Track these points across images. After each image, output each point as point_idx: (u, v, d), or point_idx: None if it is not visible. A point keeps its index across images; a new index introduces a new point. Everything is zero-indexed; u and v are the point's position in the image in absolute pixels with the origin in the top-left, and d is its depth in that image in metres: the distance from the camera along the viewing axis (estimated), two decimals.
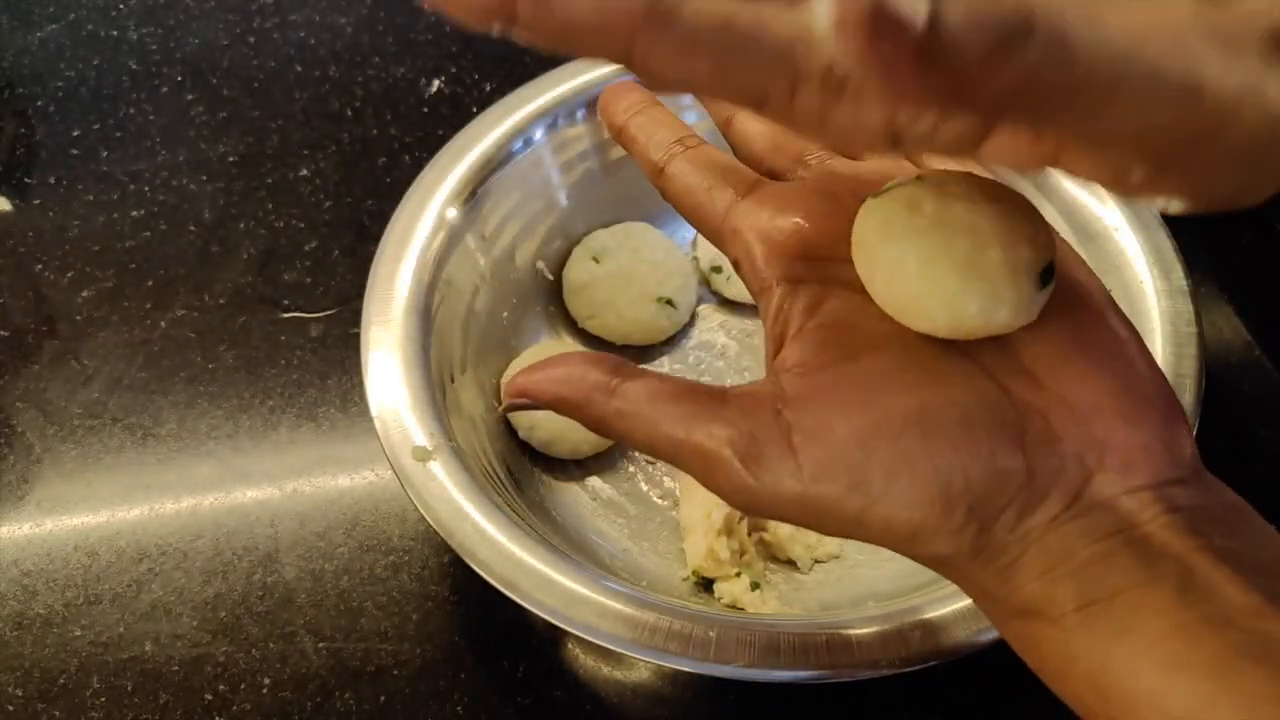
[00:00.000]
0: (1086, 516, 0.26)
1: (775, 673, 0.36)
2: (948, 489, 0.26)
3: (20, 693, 0.44)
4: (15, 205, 0.59)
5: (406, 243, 0.46)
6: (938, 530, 0.26)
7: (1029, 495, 0.26)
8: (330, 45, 0.66)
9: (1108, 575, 0.25)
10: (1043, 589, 0.26)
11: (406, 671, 0.44)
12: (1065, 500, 0.26)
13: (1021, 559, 0.26)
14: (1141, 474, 0.26)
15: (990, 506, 0.26)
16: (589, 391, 0.28)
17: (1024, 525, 0.26)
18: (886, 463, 0.26)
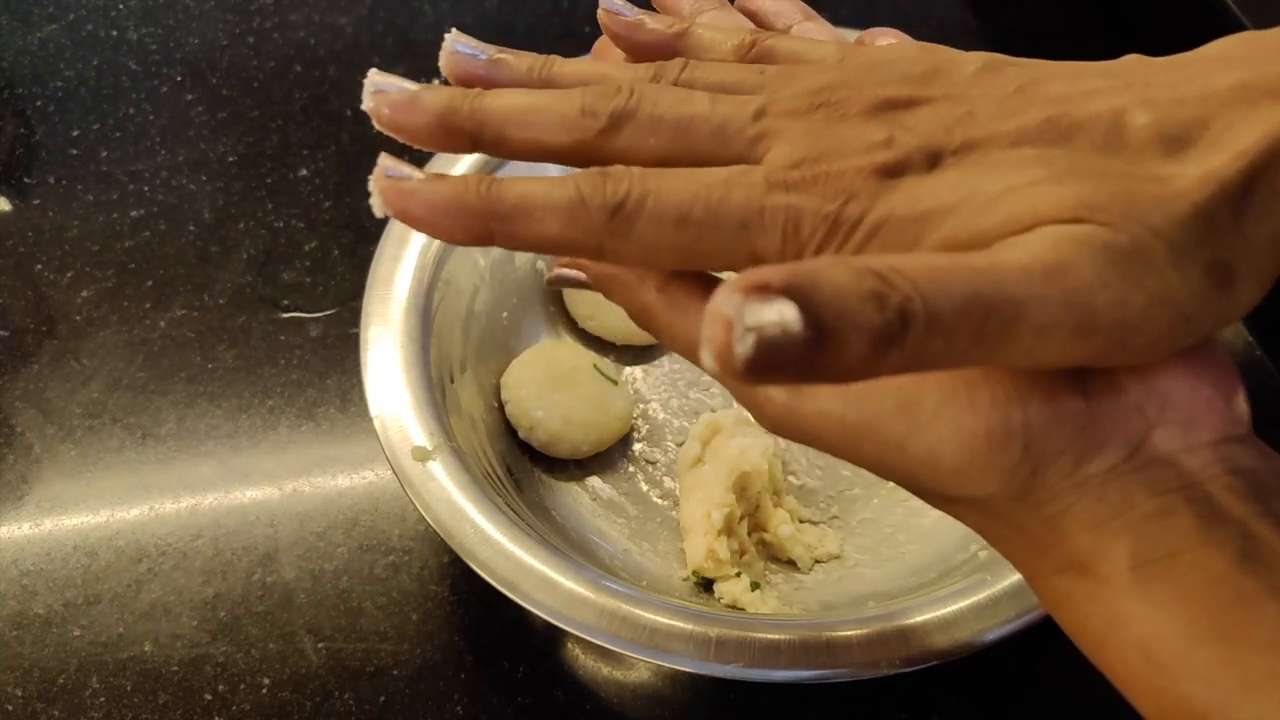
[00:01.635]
0: (1146, 470, 0.24)
1: (775, 673, 0.36)
2: (1006, 422, 0.24)
3: (20, 693, 0.44)
4: (15, 205, 0.59)
5: (406, 242, 0.46)
6: (988, 465, 0.24)
7: (1088, 440, 0.24)
8: (330, 45, 0.66)
9: (1165, 534, 0.24)
10: (1094, 542, 0.24)
11: (406, 671, 0.44)
12: (1125, 450, 0.24)
13: (1074, 508, 0.24)
14: (1204, 430, 0.25)
15: (1047, 446, 0.24)
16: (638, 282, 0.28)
17: (1081, 471, 0.24)
18: (942, 385, 0.24)
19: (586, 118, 0.28)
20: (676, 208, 0.25)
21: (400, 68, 0.64)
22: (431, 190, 0.27)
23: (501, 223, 0.26)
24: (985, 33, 0.65)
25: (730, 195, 0.25)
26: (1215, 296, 0.24)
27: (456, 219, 0.27)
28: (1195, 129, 0.25)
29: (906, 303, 0.20)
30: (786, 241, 0.25)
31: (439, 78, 0.30)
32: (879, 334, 0.20)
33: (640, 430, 0.50)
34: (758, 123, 0.27)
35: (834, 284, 0.20)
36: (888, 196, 0.25)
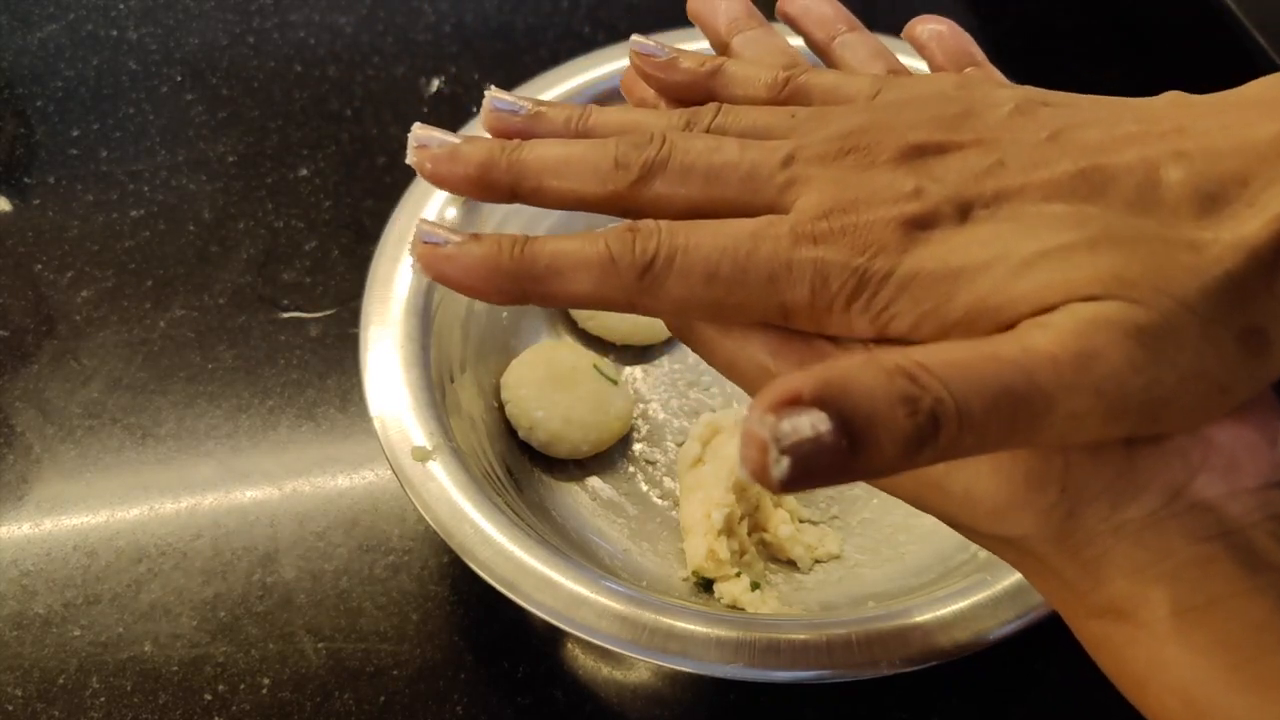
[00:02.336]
0: (1187, 516, 0.24)
1: (775, 673, 0.36)
2: (1044, 464, 0.24)
3: (20, 693, 0.44)
4: (15, 205, 0.59)
5: (406, 242, 0.46)
6: (1025, 506, 0.24)
7: (1127, 484, 0.24)
8: (330, 45, 0.66)
9: (1206, 581, 0.23)
10: (1133, 588, 0.24)
11: (406, 672, 0.44)
12: (1165, 496, 0.24)
13: (1111, 553, 0.24)
14: (1247, 475, 0.24)
15: (1085, 490, 0.24)
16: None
17: (1118, 516, 0.24)
18: None
19: (620, 169, 0.28)
20: (704, 264, 0.26)
21: (400, 68, 0.64)
22: (467, 254, 0.27)
23: (535, 283, 0.27)
24: (985, 33, 0.65)
25: (758, 249, 0.26)
26: (1251, 364, 0.24)
27: (491, 281, 0.27)
28: (1232, 186, 0.24)
29: (938, 405, 0.20)
30: (815, 295, 0.25)
31: (439, 78, 0.30)
32: (912, 438, 0.20)
33: (640, 430, 0.50)
34: (786, 169, 0.27)
35: (865, 389, 0.20)
36: (917, 251, 0.25)
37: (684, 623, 0.36)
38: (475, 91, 0.63)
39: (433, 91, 0.63)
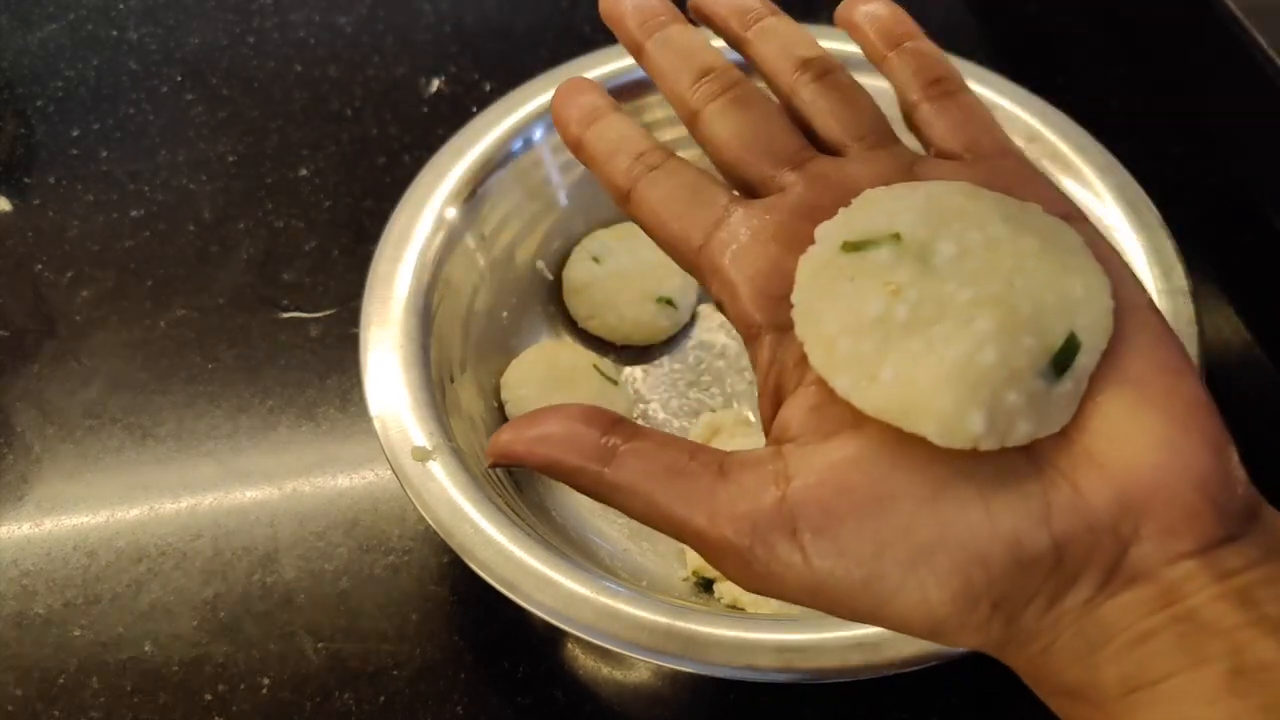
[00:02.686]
0: (1125, 592, 0.23)
1: (775, 673, 0.36)
2: (969, 585, 0.23)
3: (20, 693, 0.44)
4: (15, 205, 0.59)
5: (406, 242, 0.46)
6: (961, 626, 0.24)
7: (1059, 580, 0.23)
8: (330, 45, 0.66)
9: (1153, 659, 0.23)
10: (1084, 674, 0.24)
11: (406, 672, 0.44)
12: (1099, 579, 0.23)
13: (1055, 645, 0.24)
14: (1185, 540, 0.23)
15: (1016, 598, 0.23)
16: (582, 459, 0.26)
17: (1055, 610, 0.24)
18: (901, 559, 0.23)
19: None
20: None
21: (400, 68, 0.64)
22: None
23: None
24: (985, 33, 0.65)
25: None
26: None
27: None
28: None
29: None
30: None
31: (439, 78, 0.30)
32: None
33: None
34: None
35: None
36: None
37: (684, 623, 0.36)
38: (475, 91, 0.63)
39: (433, 91, 0.63)
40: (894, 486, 0.24)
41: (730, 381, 0.51)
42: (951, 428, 0.23)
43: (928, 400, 0.23)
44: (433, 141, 0.51)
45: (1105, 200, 0.47)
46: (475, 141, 0.49)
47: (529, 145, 0.50)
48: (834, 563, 0.24)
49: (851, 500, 0.24)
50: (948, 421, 0.23)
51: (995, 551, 0.23)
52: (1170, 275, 0.45)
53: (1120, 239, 0.46)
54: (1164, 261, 0.45)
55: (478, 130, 0.50)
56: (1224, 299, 0.54)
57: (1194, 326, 0.43)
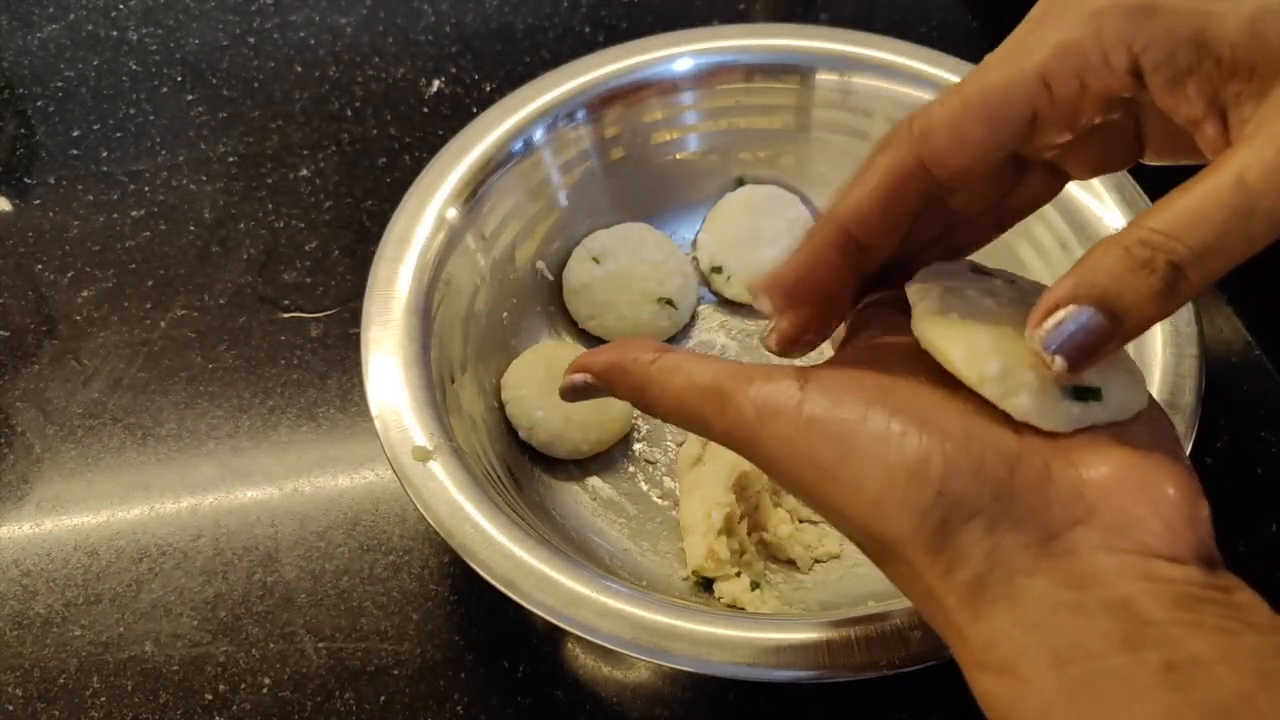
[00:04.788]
0: (1062, 558, 0.25)
1: (775, 673, 0.36)
2: (924, 465, 0.26)
3: (20, 693, 0.44)
4: (15, 205, 0.59)
5: (406, 243, 0.46)
6: (902, 503, 0.26)
7: (1004, 510, 0.25)
8: (330, 45, 0.66)
9: (1083, 633, 0.24)
10: (1012, 634, 0.24)
11: (406, 671, 0.44)
12: (1041, 534, 0.25)
13: (986, 578, 0.25)
14: (1126, 541, 0.25)
15: (961, 502, 0.25)
16: (636, 355, 0.31)
17: (992, 539, 0.25)
18: (878, 428, 0.26)
19: None
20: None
21: (400, 68, 0.64)
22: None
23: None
24: (985, 33, 0.65)
25: None
26: None
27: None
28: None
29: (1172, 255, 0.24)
30: None
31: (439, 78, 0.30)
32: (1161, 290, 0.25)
33: (640, 430, 0.50)
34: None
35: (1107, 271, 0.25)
36: None
37: (684, 622, 0.37)
38: (475, 91, 0.63)
39: (433, 92, 0.63)
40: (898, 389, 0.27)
41: None
42: (971, 360, 0.27)
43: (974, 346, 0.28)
44: (433, 142, 0.51)
45: (1105, 200, 0.47)
46: (476, 142, 0.49)
47: (529, 146, 0.50)
48: (821, 410, 0.27)
49: (858, 382, 0.28)
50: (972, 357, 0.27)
51: (960, 455, 0.26)
52: None
53: None
54: None
55: (478, 131, 0.50)
56: (1224, 299, 0.54)
57: (1194, 327, 0.43)
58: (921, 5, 0.68)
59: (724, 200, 0.54)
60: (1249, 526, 0.45)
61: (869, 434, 0.26)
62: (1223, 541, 0.26)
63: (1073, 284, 0.25)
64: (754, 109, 0.54)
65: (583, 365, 0.33)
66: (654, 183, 0.54)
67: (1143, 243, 0.25)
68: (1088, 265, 0.25)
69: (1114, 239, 0.26)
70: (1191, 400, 0.42)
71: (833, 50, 0.53)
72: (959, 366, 0.28)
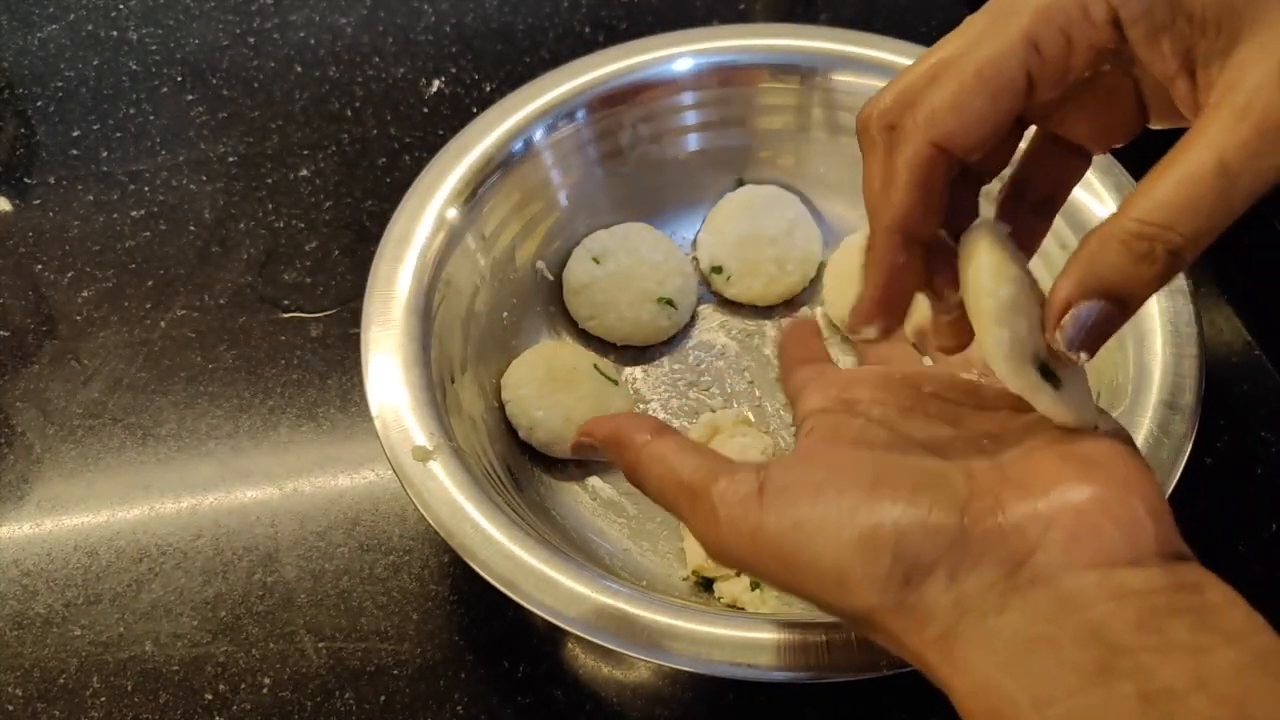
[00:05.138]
0: (1027, 590, 0.25)
1: (775, 673, 0.36)
2: (875, 534, 0.27)
3: (20, 693, 0.44)
4: (15, 205, 0.59)
5: (406, 243, 0.46)
6: (863, 576, 0.27)
7: (961, 555, 0.26)
8: (330, 45, 0.66)
9: (1059, 670, 0.24)
10: (990, 679, 0.25)
11: (406, 671, 0.44)
12: (1003, 568, 0.26)
13: (958, 630, 0.26)
14: (1086, 551, 0.25)
15: (918, 558, 0.26)
16: (633, 435, 0.33)
17: (957, 587, 0.26)
18: (828, 511, 0.28)
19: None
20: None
21: (400, 68, 0.64)
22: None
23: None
24: None
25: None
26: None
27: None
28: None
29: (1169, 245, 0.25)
30: None
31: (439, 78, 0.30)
32: (1160, 275, 0.26)
33: None
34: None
35: (1111, 266, 0.26)
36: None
37: (684, 622, 0.37)
38: (475, 91, 0.63)
39: (433, 92, 0.63)
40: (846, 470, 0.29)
41: (730, 381, 0.51)
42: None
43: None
44: (433, 142, 0.51)
45: (1105, 200, 0.47)
46: (476, 142, 0.49)
47: (529, 146, 0.50)
48: (778, 511, 0.28)
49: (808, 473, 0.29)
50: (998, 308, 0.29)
51: (906, 517, 0.27)
52: None
53: None
54: None
55: (478, 131, 0.50)
56: (1224, 299, 0.54)
57: (1194, 326, 0.43)
58: (921, 5, 0.68)
59: (724, 200, 0.54)
60: (1249, 526, 0.45)
61: (820, 518, 0.28)
62: (1223, 541, 0.26)
63: (1079, 281, 0.26)
64: (754, 109, 0.54)
65: (589, 430, 0.35)
66: (654, 183, 0.54)
67: (1140, 236, 0.26)
68: (1089, 261, 0.26)
69: (1108, 231, 0.27)
70: (1191, 400, 0.41)
71: (833, 50, 0.53)
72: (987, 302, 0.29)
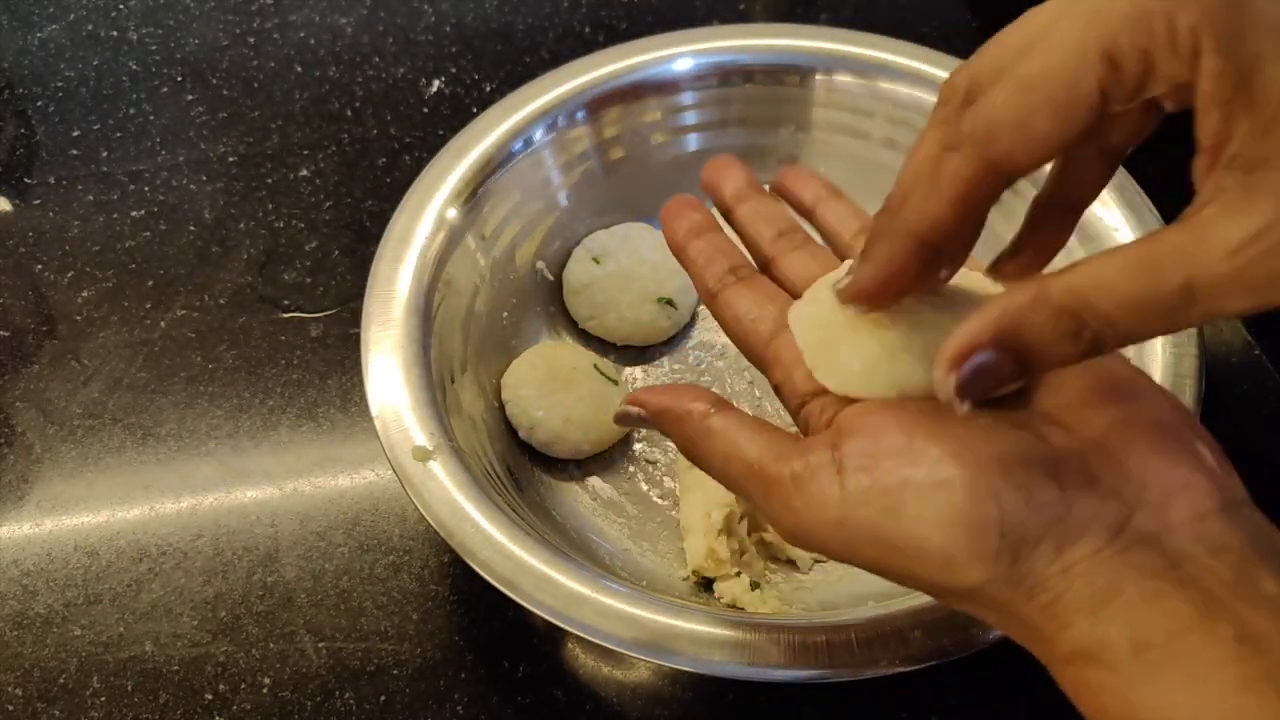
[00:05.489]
0: (1131, 552, 0.26)
1: (775, 672, 0.36)
2: (980, 514, 0.26)
3: (20, 693, 0.44)
4: (15, 205, 0.59)
5: (406, 243, 0.46)
6: (971, 555, 0.26)
7: (1067, 527, 0.26)
8: (330, 45, 0.66)
9: (1160, 617, 0.25)
10: (1093, 629, 0.25)
11: (406, 671, 0.44)
12: (1106, 534, 0.26)
13: (1067, 595, 0.26)
14: (1180, 508, 0.26)
15: (1025, 534, 0.26)
16: (690, 406, 0.32)
17: (1064, 557, 0.26)
18: (923, 489, 0.27)
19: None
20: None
21: (400, 68, 0.64)
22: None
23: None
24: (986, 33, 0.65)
25: None
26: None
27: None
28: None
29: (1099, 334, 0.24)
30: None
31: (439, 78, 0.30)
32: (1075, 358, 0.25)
33: (640, 430, 0.50)
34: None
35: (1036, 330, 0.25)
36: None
37: (684, 622, 0.37)
38: (475, 91, 0.63)
39: (433, 92, 0.63)
40: (928, 439, 0.27)
41: (730, 381, 0.51)
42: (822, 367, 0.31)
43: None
44: (433, 142, 0.51)
45: (1105, 200, 0.47)
46: (476, 142, 0.49)
47: (530, 146, 0.50)
48: (865, 492, 0.27)
49: (890, 444, 0.28)
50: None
51: (1008, 493, 0.26)
52: None
53: (1120, 239, 0.46)
54: None
55: (478, 131, 0.50)
56: None
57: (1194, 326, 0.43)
58: (921, 5, 0.68)
59: None
60: None
61: (916, 496, 0.27)
62: None
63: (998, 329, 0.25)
64: (754, 109, 0.54)
65: (639, 400, 0.33)
66: (654, 183, 0.54)
67: (1075, 316, 0.24)
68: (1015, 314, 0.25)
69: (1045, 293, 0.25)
70: (1191, 400, 0.42)
71: (833, 50, 0.53)
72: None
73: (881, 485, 0.27)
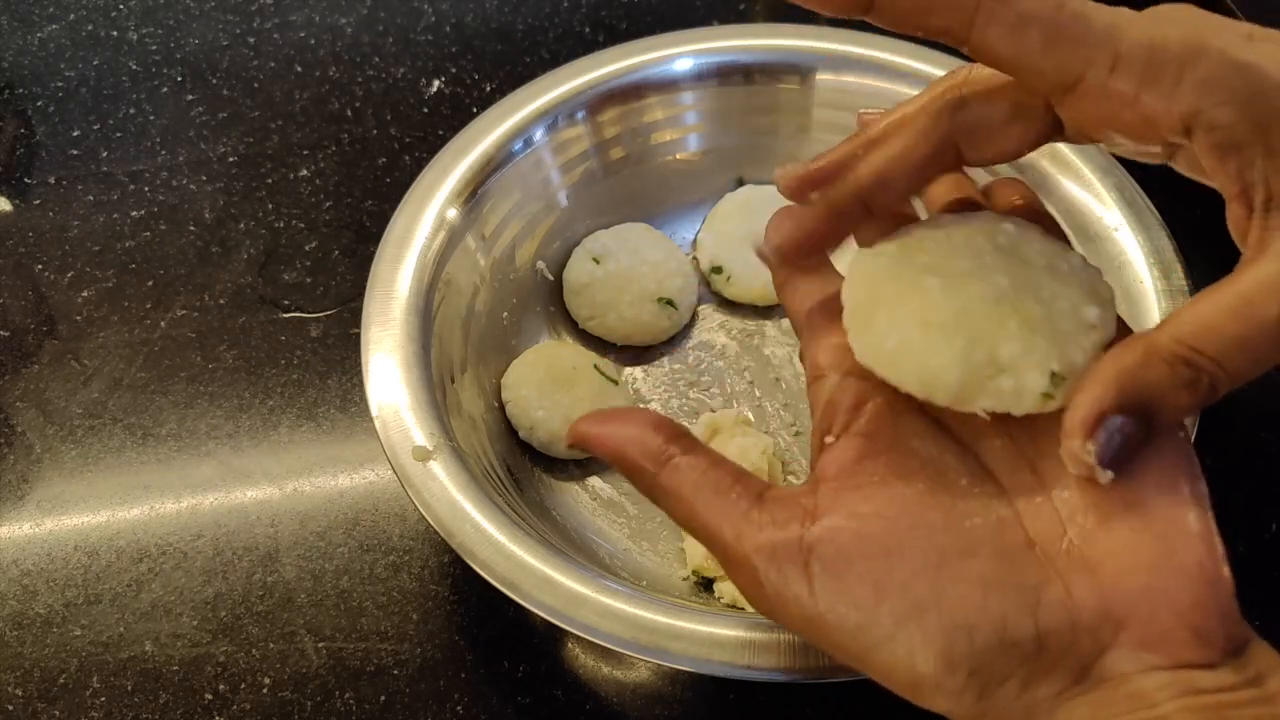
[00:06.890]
0: (1097, 691, 0.25)
1: (775, 673, 0.36)
2: (951, 649, 0.26)
3: (20, 693, 0.44)
4: (15, 205, 0.59)
5: (406, 243, 0.46)
6: (937, 687, 0.26)
7: (1035, 667, 0.25)
8: (330, 45, 0.66)
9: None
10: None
11: (406, 671, 0.44)
12: (1073, 674, 0.25)
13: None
14: (1159, 655, 0.25)
15: (993, 673, 0.25)
16: (642, 459, 0.29)
17: (1028, 695, 0.25)
18: (897, 611, 0.26)
19: None
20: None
21: (400, 68, 0.64)
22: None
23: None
24: None
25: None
26: None
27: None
28: None
29: (1214, 379, 0.26)
30: None
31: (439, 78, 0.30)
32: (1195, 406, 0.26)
33: None
34: None
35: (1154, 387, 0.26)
36: None
37: (684, 622, 0.37)
38: (475, 91, 0.63)
39: (433, 92, 0.63)
40: (905, 546, 0.26)
41: (730, 381, 0.51)
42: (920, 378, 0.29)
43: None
44: (433, 142, 0.51)
45: (1105, 200, 0.47)
46: (476, 142, 0.49)
47: (530, 146, 0.50)
48: (835, 601, 0.26)
49: (864, 548, 0.26)
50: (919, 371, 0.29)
51: (982, 626, 0.25)
52: (1170, 275, 0.45)
53: (1121, 239, 0.46)
54: (1164, 261, 0.45)
55: (478, 131, 0.50)
56: None
57: None
58: None
59: (724, 200, 0.54)
60: (1249, 526, 0.45)
61: (891, 622, 0.26)
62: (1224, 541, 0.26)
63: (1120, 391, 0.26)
64: (754, 109, 0.54)
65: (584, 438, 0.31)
66: (654, 183, 0.54)
67: (1188, 363, 0.26)
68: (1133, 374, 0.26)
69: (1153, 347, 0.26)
70: None
71: (833, 50, 0.53)
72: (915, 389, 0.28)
73: (853, 599, 0.26)
